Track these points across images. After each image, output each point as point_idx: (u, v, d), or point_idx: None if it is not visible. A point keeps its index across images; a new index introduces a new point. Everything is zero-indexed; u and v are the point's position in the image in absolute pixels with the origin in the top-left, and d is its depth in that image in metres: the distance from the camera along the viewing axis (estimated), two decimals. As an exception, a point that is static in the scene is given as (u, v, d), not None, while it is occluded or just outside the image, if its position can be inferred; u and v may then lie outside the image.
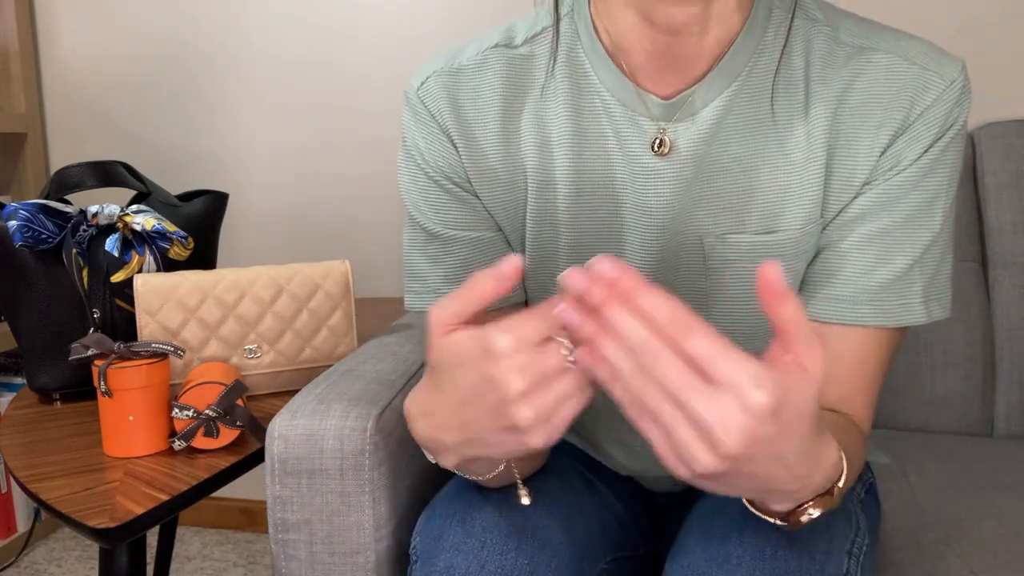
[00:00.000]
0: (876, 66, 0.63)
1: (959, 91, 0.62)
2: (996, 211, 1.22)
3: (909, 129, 0.62)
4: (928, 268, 0.65)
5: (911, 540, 0.85)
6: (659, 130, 0.65)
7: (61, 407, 1.02)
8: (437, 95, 0.71)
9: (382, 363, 0.90)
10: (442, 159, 0.72)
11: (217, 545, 1.76)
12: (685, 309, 0.43)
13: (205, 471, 0.82)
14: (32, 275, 1.00)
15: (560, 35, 0.69)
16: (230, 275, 0.99)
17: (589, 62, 0.67)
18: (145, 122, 1.73)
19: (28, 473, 0.83)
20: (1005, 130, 1.25)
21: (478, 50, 0.72)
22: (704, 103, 0.64)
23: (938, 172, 0.63)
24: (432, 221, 0.73)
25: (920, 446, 1.12)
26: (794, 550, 0.60)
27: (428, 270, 0.75)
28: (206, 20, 1.66)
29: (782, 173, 0.65)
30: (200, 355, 0.97)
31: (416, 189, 0.74)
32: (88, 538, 0.73)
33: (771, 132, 0.65)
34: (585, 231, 0.70)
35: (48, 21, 1.74)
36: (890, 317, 0.65)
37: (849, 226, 0.65)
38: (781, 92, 0.65)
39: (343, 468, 0.76)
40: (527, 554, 0.63)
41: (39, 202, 0.99)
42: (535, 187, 0.70)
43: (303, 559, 0.78)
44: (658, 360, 0.42)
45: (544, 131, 0.69)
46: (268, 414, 0.94)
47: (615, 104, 0.66)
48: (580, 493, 0.77)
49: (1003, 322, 1.19)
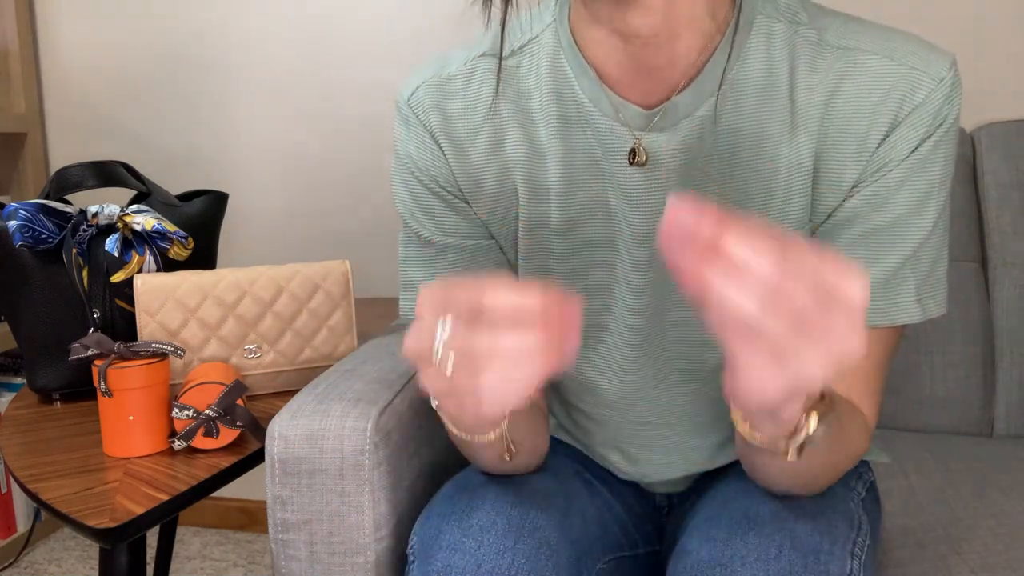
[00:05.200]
0: (863, 68, 0.62)
1: (948, 88, 0.62)
2: (996, 211, 1.22)
3: (897, 129, 0.62)
4: (922, 266, 0.64)
5: (911, 540, 0.85)
6: (635, 141, 0.65)
7: (61, 407, 1.02)
8: (427, 105, 0.71)
9: (382, 363, 0.90)
10: (434, 167, 0.72)
11: (217, 545, 1.76)
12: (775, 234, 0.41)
13: (205, 471, 0.82)
14: (32, 275, 1.00)
15: (544, 44, 0.69)
16: (230, 275, 0.99)
17: (571, 72, 0.67)
18: (145, 122, 1.73)
19: (28, 473, 0.83)
20: (1005, 130, 1.25)
21: (466, 59, 0.71)
22: (686, 112, 0.64)
23: (928, 170, 0.63)
24: (426, 229, 0.73)
25: (920, 446, 1.12)
26: (797, 550, 0.60)
27: (422, 277, 0.75)
28: (206, 20, 1.66)
29: (770, 179, 0.65)
30: (200, 355, 0.97)
31: (410, 197, 0.74)
32: (88, 538, 0.73)
33: (757, 139, 0.64)
34: (578, 239, 0.70)
35: (48, 21, 1.74)
36: (884, 316, 0.64)
37: (839, 228, 0.65)
38: (765, 100, 0.64)
39: (343, 468, 0.76)
40: (524, 553, 0.63)
41: (39, 202, 0.99)
42: (526, 197, 0.70)
43: (303, 559, 0.78)
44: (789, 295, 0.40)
45: (533, 141, 0.69)
46: (268, 414, 0.94)
47: (597, 114, 0.66)
48: (578, 493, 0.77)
49: (1003, 322, 1.19)
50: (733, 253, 0.40)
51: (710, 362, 0.71)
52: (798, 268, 0.40)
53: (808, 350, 0.40)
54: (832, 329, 0.40)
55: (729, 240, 0.40)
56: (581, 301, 0.47)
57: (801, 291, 0.40)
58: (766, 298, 0.40)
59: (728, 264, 0.40)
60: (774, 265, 0.39)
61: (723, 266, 0.40)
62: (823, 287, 0.40)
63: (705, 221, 0.41)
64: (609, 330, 0.72)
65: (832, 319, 0.40)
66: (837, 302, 0.40)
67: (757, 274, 0.40)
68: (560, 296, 0.45)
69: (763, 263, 0.40)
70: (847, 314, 0.40)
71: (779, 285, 0.39)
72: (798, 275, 0.40)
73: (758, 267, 0.40)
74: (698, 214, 0.41)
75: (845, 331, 0.40)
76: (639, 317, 0.70)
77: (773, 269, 0.39)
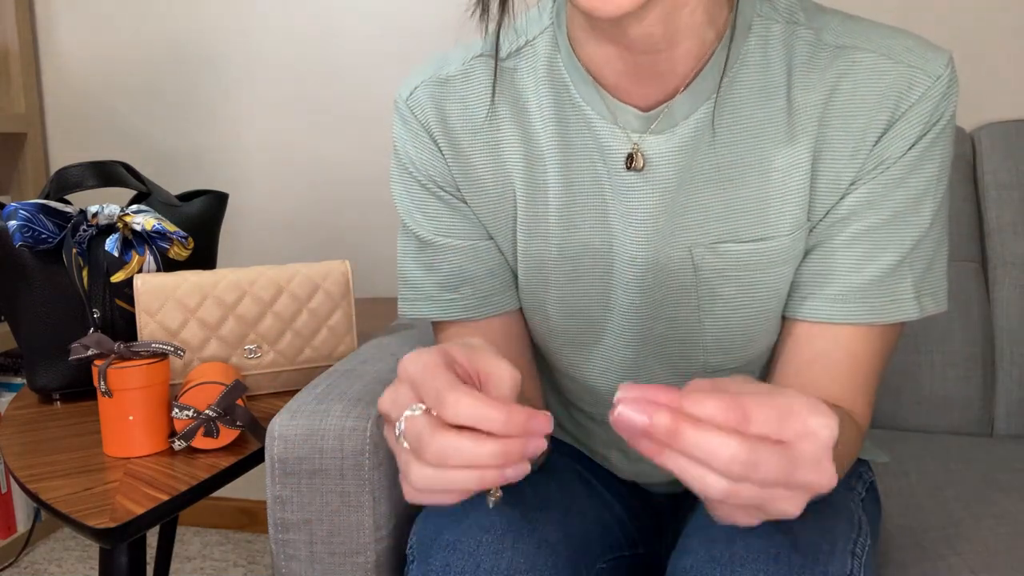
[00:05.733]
0: (860, 66, 0.62)
1: (945, 86, 0.62)
2: (996, 211, 1.22)
3: (894, 127, 0.62)
4: (919, 263, 0.65)
5: (911, 540, 0.85)
6: (633, 145, 0.65)
7: (61, 407, 1.02)
8: (425, 105, 0.71)
9: (382, 363, 0.90)
10: (432, 167, 0.72)
11: (217, 545, 1.76)
12: (730, 396, 0.42)
13: (205, 471, 0.82)
14: (32, 275, 1.00)
15: (541, 47, 0.69)
16: (230, 275, 0.99)
17: (568, 76, 0.67)
18: (145, 122, 1.73)
19: (28, 473, 0.83)
20: (1005, 130, 1.25)
21: (464, 59, 0.71)
22: (684, 115, 0.64)
23: (925, 167, 0.63)
24: (425, 229, 0.73)
25: (920, 446, 1.12)
26: (797, 551, 0.60)
27: (421, 277, 0.75)
28: (206, 20, 1.66)
29: (768, 181, 0.65)
30: (200, 355, 0.97)
31: (408, 197, 0.74)
32: (88, 538, 0.73)
33: (754, 141, 0.64)
34: (576, 241, 0.70)
35: (48, 21, 1.74)
36: (882, 314, 0.64)
37: (837, 226, 0.65)
38: (762, 102, 0.64)
39: (343, 468, 0.76)
40: (523, 553, 0.63)
41: (39, 202, 0.99)
42: (524, 198, 0.70)
43: (303, 559, 0.78)
44: (757, 467, 0.41)
45: (531, 143, 0.69)
46: (268, 414, 0.94)
47: (595, 117, 0.66)
48: (578, 492, 0.77)
49: (1003, 322, 1.19)
50: (693, 445, 0.41)
51: (710, 363, 0.71)
52: (763, 428, 0.41)
53: (779, 502, 0.42)
54: (802, 479, 0.42)
55: (686, 433, 0.41)
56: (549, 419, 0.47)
57: (768, 457, 0.41)
58: (734, 474, 0.41)
59: (690, 452, 0.41)
60: (737, 444, 0.40)
61: (686, 455, 0.41)
62: (789, 443, 0.41)
63: (657, 416, 0.41)
64: (608, 331, 0.72)
65: (801, 472, 0.41)
66: (803, 455, 0.41)
67: (721, 458, 0.40)
68: (528, 412, 0.45)
69: (726, 445, 0.40)
70: (814, 461, 0.41)
71: (745, 460, 0.40)
72: (763, 447, 0.41)
73: (722, 450, 0.40)
74: (647, 409, 0.41)
75: (815, 478, 0.42)
76: (637, 318, 0.70)
77: (737, 448, 0.40)
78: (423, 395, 0.47)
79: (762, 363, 0.74)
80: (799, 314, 0.67)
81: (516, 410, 0.45)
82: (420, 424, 0.46)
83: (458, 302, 0.73)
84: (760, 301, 0.67)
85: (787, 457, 0.41)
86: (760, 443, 0.41)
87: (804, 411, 0.42)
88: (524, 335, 0.77)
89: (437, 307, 0.74)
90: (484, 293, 0.73)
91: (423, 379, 0.47)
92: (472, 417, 0.45)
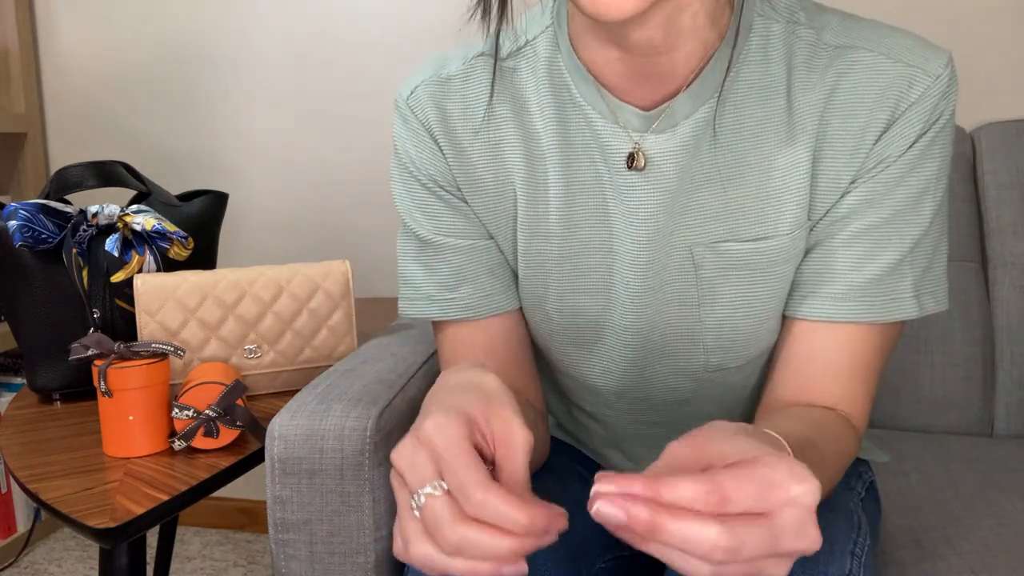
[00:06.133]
0: (860, 65, 0.63)
1: (944, 85, 0.62)
2: (996, 211, 1.22)
3: (894, 126, 0.62)
4: (919, 262, 0.65)
5: (911, 540, 0.85)
6: (634, 144, 0.65)
7: (61, 407, 1.02)
8: (426, 104, 0.71)
9: (382, 363, 0.90)
10: (433, 167, 0.72)
11: (217, 545, 1.76)
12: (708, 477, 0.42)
13: (205, 471, 0.82)
14: (32, 275, 1.00)
15: (542, 47, 0.69)
16: (230, 275, 0.99)
17: (569, 75, 0.67)
18: (145, 122, 1.73)
19: (28, 473, 0.83)
20: (1005, 130, 1.25)
21: (464, 59, 0.71)
22: (685, 115, 0.64)
23: (925, 166, 0.63)
24: (425, 228, 0.73)
25: (920, 446, 1.12)
26: (797, 551, 0.60)
27: (421, 277, 0.75)
28: (206, 20, 1.66)
29: (768, 180, 0.65)
30: (200, 355, 0.97)
31: (408, 196, 0.74)
32: (88, 538, 0.73)
33: (755, 141, 0.64)
34: (576, 241, 0.70)
35: (48, 21, 1.74)
36: (881, 313, 0.64)
37: (836, 225, 0.65)
38: (763, 102, 0.64)
39: (343, 468, 0.76)
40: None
41: (39, 202, 0.99)
42: (524, 197, 0.70)
43: (303, 559, 0.78)
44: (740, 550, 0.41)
45: (531, 142, 0.69)
46: (268, 414, 0.94)
47: (596, 116, 0.66)
48: (577, 492, 0.77)
49: (1003, 322, 1.19)
50: (673, 536, 0.41)
51: (711, 362, 0.71)
52: (743, 506, 0.41)
53: (766, 568, 0.42)
54: (786, 548, 0.41)
55: (665, 525, 0.41)
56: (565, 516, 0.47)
57: (750, 536, 0.41)
58: (716, 560, 0.41)
59: (672, 544, 0.41)
60: (718, 531, 0.40)
61: (668, 545, 0.41)
62: (772, 513, 0.41)
63: (634, 511, 0.41)
64: (608, 330, 0.72)
65: (784, 542, 0.41)
66: (786, 525, 0.41)
67: (703, 547, 0.40)
68: (548, 514, 0.45)
69: (706, 534, 0.40)
70: (798, 529, 0.41)
71: (727, 546, 0.40)
72: (744, 529, 0.40)
73: (703, 539, 0.40)
74: (624, 503, 0.41)
75: (799, 545, 0.41)
76: (637, 317, 0.70)
77: (717, 535, 0.40)
78: (446, 476, 0.46)
79: (762, 362, 0.74)
80: (799, 313, 0.67)
81: (539, 513, 0.45)
82: (441, 510, 0.45)
83: (458, 302, 0.73)
84: (761, 300, 0.68)
85: (770, 531, 0.41)
86: (741, 524, 0.41)
87: (786, 480, 0.41)
88: (524, 334, 0.77)
89: (437, 307, 0.74)
90: (484, 293, 0.73)
91: (447, 458, 0.46)
92: (495, 517, 0.44)
